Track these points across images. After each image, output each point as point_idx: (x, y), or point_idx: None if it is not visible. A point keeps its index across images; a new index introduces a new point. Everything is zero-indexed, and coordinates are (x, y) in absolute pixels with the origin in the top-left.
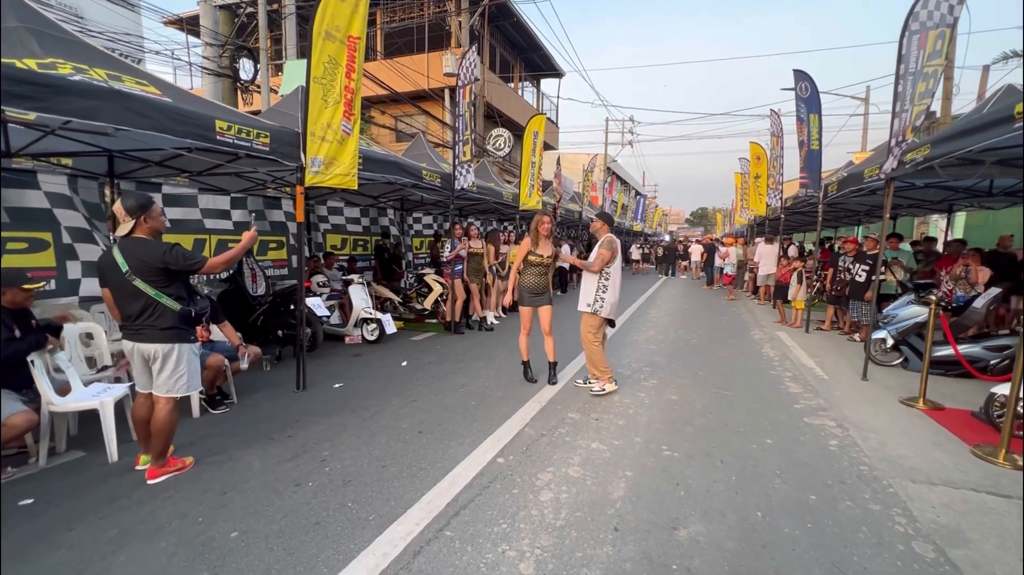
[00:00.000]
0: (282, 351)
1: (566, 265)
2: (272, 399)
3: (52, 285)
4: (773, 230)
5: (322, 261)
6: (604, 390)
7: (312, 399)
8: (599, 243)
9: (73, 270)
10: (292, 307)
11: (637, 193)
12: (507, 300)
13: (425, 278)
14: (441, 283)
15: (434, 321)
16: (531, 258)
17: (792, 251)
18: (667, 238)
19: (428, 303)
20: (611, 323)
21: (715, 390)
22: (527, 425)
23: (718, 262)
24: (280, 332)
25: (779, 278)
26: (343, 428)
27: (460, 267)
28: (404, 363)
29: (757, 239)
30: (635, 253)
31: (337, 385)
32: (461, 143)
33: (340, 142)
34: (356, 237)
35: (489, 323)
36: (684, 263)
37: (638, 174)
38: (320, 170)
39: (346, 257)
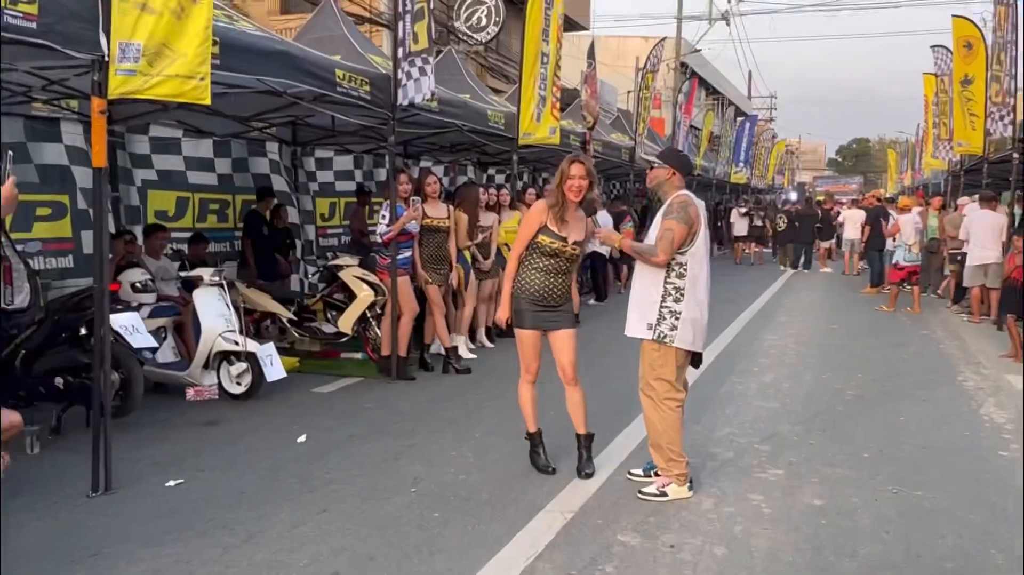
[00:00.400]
0: (64, 417)
1: (604, 250)
2: (47, 511)
3: None
4: (997, 182)
5: (140, 242)
6: (665, 494)
7: (124, 510)
8: (665, 209)
9: None
10: (84, 332)
11: (739, 113)
12: (501, 315)
13: (340, 274)
14: (372, 284)
15: (358, 355)
16: (543, 240)
17: None
18: (795, 197)
19: (346, 322)
20: (695, 360)
21: (896, 487)
22: (539, 557)
23: (890, 243)
24: (60, 381)
25: (1009, 273)
26: (186, 568)
27: (408, 255)
28: (303, 438)
29: (963, 199)
30: (738, 225)
31: (173, 482)
32: (409, 17)
33: (177, 14)
34: (206, 196)
35: (460, 359)
36: (827, 244)
37: (741, 76)
38: (139, 67)
39: (187, 234)
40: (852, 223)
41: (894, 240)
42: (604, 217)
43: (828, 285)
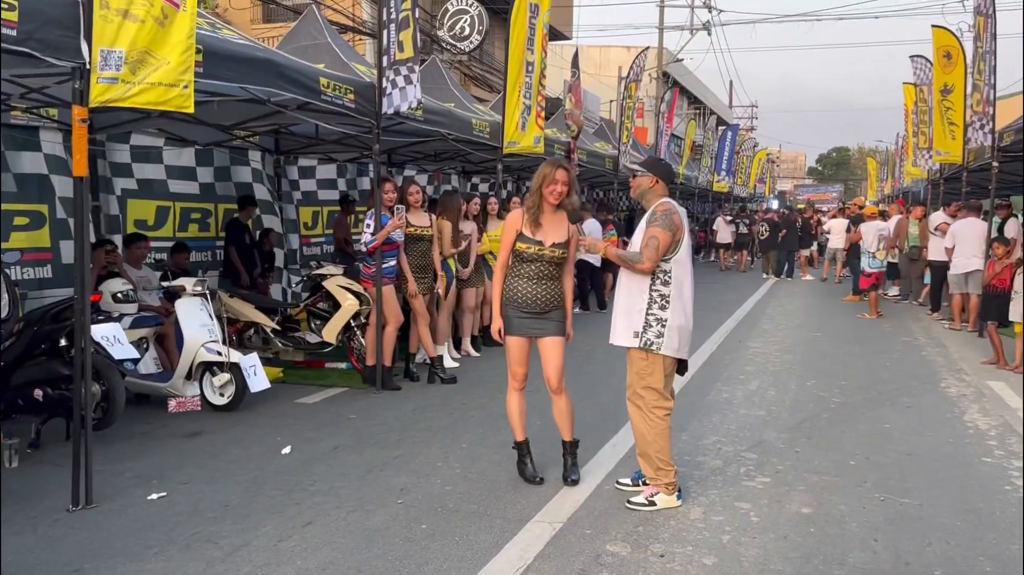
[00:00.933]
0: (43, 429)
1: (593, 259)
2: (26, 525)
3: None
4: (976, 190)
5: (121, 252)
6: (654, 503)
7: (105, 525)
8: (648, 216)
9: None
10: (64, 343)
11: (721, 122)
12: (493, 328)
13: (325, 284)
14: (356, 294)
15: (343, 365)
16: (520, 247)
17: (1012, 228)
18: (776, 205)
19: (331, 332)
20: (680, 367)
21: (883, 495)
22: (528, 568)
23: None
24: (39, 392)
25: (989, 280)
26: None
27: (392, 263)
28: (287, 450)
29: (945, 208)
30: (722, 232)
31: (156, 495)
32: (393, 26)
33: (160, 22)
34: (187, 205)
35: (446, 368)
36: (806, 252)
37: (722, 86)
38: (121, 75)
39: (168, 243)
40: (837, 232)
41: (870, 242)
42: (592, 224)
43: (810, 292)
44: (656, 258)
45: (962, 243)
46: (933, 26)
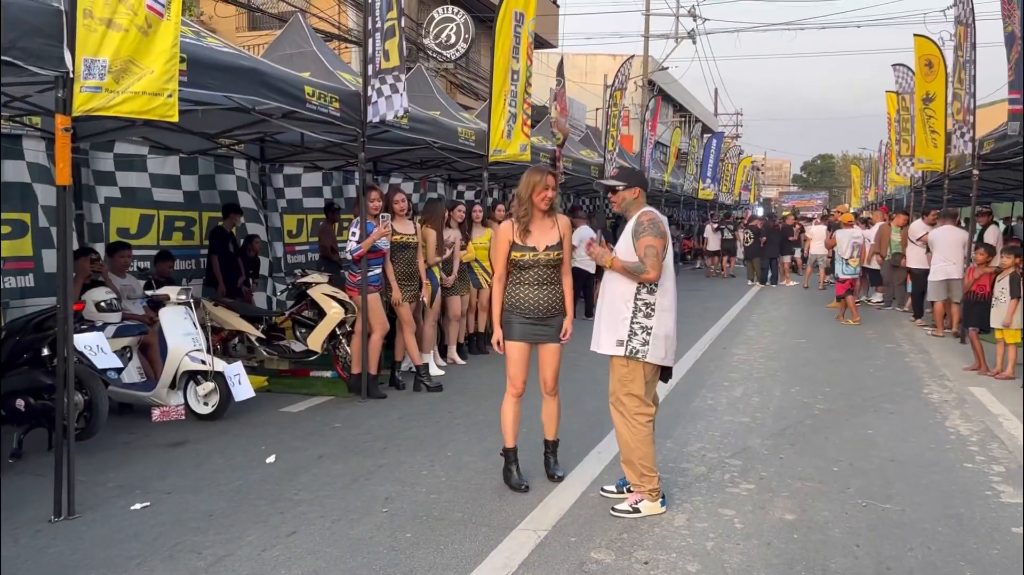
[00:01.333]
0: (25, 439)
1: (589, 266)
2: (7, 536)
3: None
4: (957, 198)
5: (104, 260)
6: (638, 510)
7: (88, 535)
8: (634, 228)
9: None
10: (46, 352)
11: (706, 129)
12: (494, 339)
13: (310, 292)
14: (341, 302)
15: (328, 374)
16: (515, 256)
17: (992, 235)
18: (760, 212)
19: (316, 340)
20: (664, 374)
21: (865, 500)
22: None
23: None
24: (21, 402)
25: (971, 287)
26: None
27: (378, 271)
28: (271, 459)
29: (924, 217)
30: (712, 240)
31: (139, 505)
32: (379, 35)
33: (144, 31)
34: (171, 213)
35: (432, 376)
36: (788, 259)
37: (707, 94)
38: (105, 84)
39: (152, 252)
40: (819, 238)
41: (844, 250)
42: (585, 231)
43: (795, 299)
44: (659, 266)
45: (941, 250)
46: (915, 35)
